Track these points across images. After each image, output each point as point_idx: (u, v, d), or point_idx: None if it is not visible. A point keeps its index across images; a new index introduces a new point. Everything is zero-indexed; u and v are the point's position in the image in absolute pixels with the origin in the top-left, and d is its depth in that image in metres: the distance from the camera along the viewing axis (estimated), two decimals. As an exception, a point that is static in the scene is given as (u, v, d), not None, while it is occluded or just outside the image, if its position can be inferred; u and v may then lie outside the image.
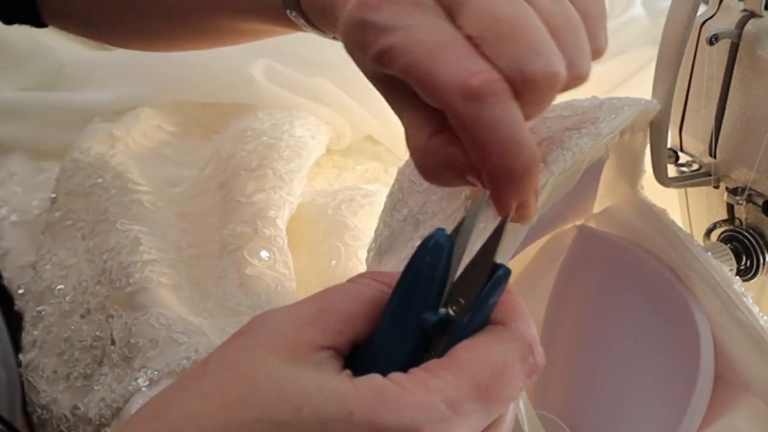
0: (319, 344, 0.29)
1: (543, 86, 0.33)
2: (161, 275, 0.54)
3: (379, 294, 0.31)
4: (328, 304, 0.30)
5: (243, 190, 0.61)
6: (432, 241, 0.31)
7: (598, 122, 0.39)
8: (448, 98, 0.32)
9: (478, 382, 0.29)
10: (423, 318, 0.30)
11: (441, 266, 0.30)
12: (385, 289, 0.31)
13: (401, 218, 0.43)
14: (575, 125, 0.40)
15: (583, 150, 0.38)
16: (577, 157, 0.38)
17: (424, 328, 0.30)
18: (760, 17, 0.45)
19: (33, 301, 0.59)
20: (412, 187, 0.44)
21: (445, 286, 0.31)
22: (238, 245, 0.57)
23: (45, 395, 0.54)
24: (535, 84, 0.32)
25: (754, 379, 0.43)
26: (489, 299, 0.31)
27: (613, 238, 0.47)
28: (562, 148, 0.38)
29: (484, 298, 0.30)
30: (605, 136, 0.39)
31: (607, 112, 0.40)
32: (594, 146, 0.38)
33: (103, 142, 0.67)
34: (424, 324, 0.30)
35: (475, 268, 0.31)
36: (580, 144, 0.38)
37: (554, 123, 0.40)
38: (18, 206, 0.68)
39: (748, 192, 0.47)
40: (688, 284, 0.44)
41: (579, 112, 0.41)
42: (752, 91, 0.45)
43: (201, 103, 0.75)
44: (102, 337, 0.54)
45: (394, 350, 0.30)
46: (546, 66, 0.32)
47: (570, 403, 0.48)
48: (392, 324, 0.30)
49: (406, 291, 0.30)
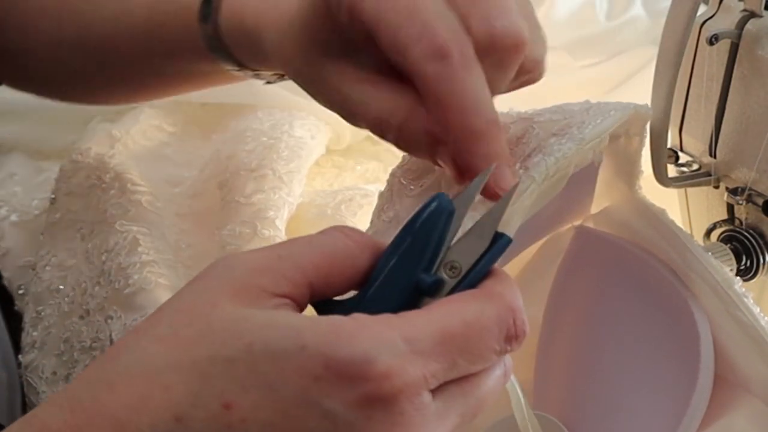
0: (272, 291, 0.29)
1: (508, 45, 0.35)
2: (160, 276, 0.54)
3: (343, 247, 0.31)
4: (286, 252, 0.30)
5: (242, 190, 0.61)
6: (434, 204, 0.31)
7: (583, 127, 0.39)
8: (414, 55, 0.34)
9: (443, 327, 0.29)
10: (420, 278, 0.30)
11: (440, 229, 0.31)
12: (350, 243, 0.31)
13: (387, 219, 0.43)
14: (560, 130, 0.39)
15: (566, 155, 0.38)
16: (561, 163, 0.38)
17: (420, 288, 0.30)
18: (760, 17, 0.45)
19: (32, 302, 0.59)
20: (402, 190, 0.44)
21: (441, 249, 0.31)
22: (238, 246, 0.57)
23: (45, 396, 0.54)
24: (501, 42, 0.34)
25: (754, 379, 0.43)
26: (488, 265, 0.31)
27: (611, 238, 0.47)
28: (544, 154, 0.38)
29: (484, 264, 0.31)
30: (589, 141, 0.39)
31: (593, 116, 0.40)
32: (578, 151, 0.38)
33: (102, 143, 0.67)
34: (420, 284, 0.30)
35: (475, 235, 0.31)
36: (563, 149, 0.38)
37: (543, 128, 0.40)
38: (18, 206, 0.68)
39: (748, 192, 0.47)
40: (688, 284, 0.44)
41: (568, 116, 0.41)
42: (752, 91, 0.45)
43: (201, 103, 0.75)
44: (101, 338, 0.54)
45: (378, 308, 0.30)
46: (512, 26, 0.34)
47: (569, 403, 0.48)
48: (384, 281, 0.30)
49: (403, 251, 0.30)
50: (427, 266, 0.31)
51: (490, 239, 0.31)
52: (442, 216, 0.31)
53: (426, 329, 0.28)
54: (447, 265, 0.31)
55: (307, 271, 0.30)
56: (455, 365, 0.29)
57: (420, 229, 0.30)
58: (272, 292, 0.29)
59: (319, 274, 0.30)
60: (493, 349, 0.30)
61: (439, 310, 0.29)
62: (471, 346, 0.29)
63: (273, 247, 0.31)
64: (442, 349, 0.28)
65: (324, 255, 0.30)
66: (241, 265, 0.30)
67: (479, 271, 0.31)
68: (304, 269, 0.30)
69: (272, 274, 0.29)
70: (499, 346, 0.30)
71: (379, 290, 0.31)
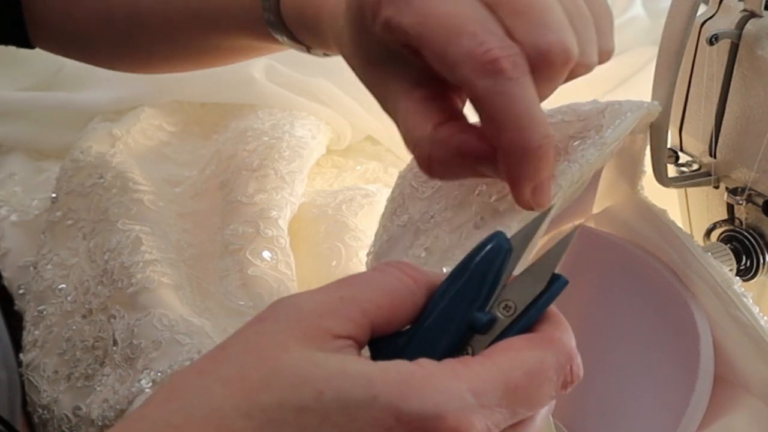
0: (338, 334, 0.29)
1: (556, 60, 0.33)
2: (163, 275, 0.54)
3: (402, 285, 0.31)
4: (349, 293, 0.30)
5: (244, 190, 0.61)
6: (492, 242, 0.31)
7: (602, 130, 0.39)
8: (466, 74, 0.33)
9: (507, 379, 0.29)
10: (474, 316, 0.30)
11: (497, 268, 0.30)
12: (408, 281, 0.31)
13: (401, 224, 0.43)
14: (578, 133, 0.39)
15: (590, 161, 0.38)
16: (584, 169, 0.38)
17: (474, 327, 0.30)
18: (760, 17, 0.45)
19: (34, 301, 0.59)
20: (414, 194, 0.44)
21: (497, 288, 0.31)
22: (240, 245, 0.57)
23: (46, 395, 0.54)
24: (549, 57, 0.33)
25: (753, 380, 0.43)
26: (544, 307, 0.31)
27: (613, 238, 0.47)
28: (569, 161, 0.38)
29: (541, 306, 0.31)
30: (610, 145, 0.39)
31: (610, 118, 0.39)
32: (600, 156, 0.38)
33: (103, 142, 0.67)
34: (475, 322, 0.30)
35: (531, 274, 0.31)
36: (587, 155, 0.38)
37: (557, 129, 0.40)
38: (18, 206, 0.68)
39: (748, 192, 0.47)
40: (688, 284, 0.44)
41: (581, 118, 0.40)
42: (752, 91, 0.45)
43: (201, 103, 0.75)
44: (104, 337, 0.54)
45: (431, 345, 0.30)
46: (560, 41, 0.33)
47: (568, 403, 0.48)
48: (438, 317, 0.30)
49: (458, 288, 0.30)
50: (482, 304, 0.30)
51: (546, 280, 0.31)
52: (500, 255, 0.31)
53: (492, 382, 0.28)
54: (501, 304, 0.31)
55: (369, 312, 0.30)
56: (516, 414, 0.29)
57: (476, 267, 0.30)
58: (337, 334, 0.29)
59: (380, 313, 0.30)
60: (550, 395, 0.30)
61: (502, 358, 0.29)
62: (532, 396, 0.29)
63: (333, 287, 0.30)
64: (507, 402, 0.29)
65: (385, 294, 0.30)
66: (306, 305, 0.29)
67: (535, 313, 0.31)
68: (366, 310, 0.30)
69: (338, 317, 0.29)
70: (555, 393, 0.30)
71: (432, 327, 0.30)
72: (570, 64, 0.34)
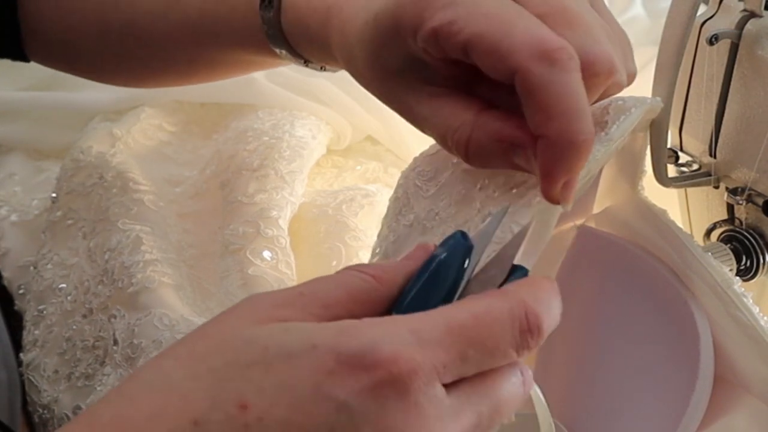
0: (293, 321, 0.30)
1: (601, 72, 0.35)
2: (163, 275, 0.54)
3: (364, 283, 0.31)
4: (308, 289, 0.31)
5: (245, 190, 0.61)
6: (451, 240, 0.32)
7: (607, 127, 0.39)
8: (522, 60, 0.33)
9: (450, 320, 0.29)
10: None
11: (457, 265, 0.32)
12: (368, 278, 0.32)
13: (407, 223, 0.43)
14: None
15: (597, 158, 0.38)
16: (591, 165, 0.38)
17: None
18: (760, 17, 0.45)
19: (34, 301, 0.59)
20: (418, 193, 0.44)
21: (460, 283, 0.32)
22: (241, 245, 0.58)
23: (46, 395, 0.54)
24: (595, 68, 0.35)
25: (753, 380, 0.43)
26: None
27: (613, 238, 0.47)
28: None
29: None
30: (616, 141, 0.39)
31: (614, 114, 0.40)
32: (606, 152, 0.38)
33: (103, 142, 0.67)
34: None
35: (494, 268, 0.33)
36: (594, 152, 0.38)
37: None
38: (18, 206, 0.68)
39: (748, 192, 0.47)
40: (688, 284, 0.44)
41: None
42: (752, 91, 0.45)
43: (201, 103, 0.75)
44: (104, 337, 0.54)
45: None
46: (607, 53, 0.35)
47: (569, 403, 0.48)
48: (405, 312, 0.31)
49: (422, 286, 0.32)
50: (446, 297, 0.32)
51: (507, 272, 0.32)
52: (460, 252, 0.32)
53: (432, 321, 0.29)
54: (467, 297, 0.32)
55: (331, 307, 0.31)
56: (466, 357, 0.29)
57: (439, 264, 0.32)
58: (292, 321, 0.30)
59: (343, 308, 0.31)
60: (507, 341, 0.30)
61: (447, 307, 0.30)
62: (481, 337, 0.29)
63: (294, 287, 0.32)
64: (450, 340, 0.29)
65: (346, 291, 0.31)
66: (263, 301, 0.31)
67: None
68: (328, 305, 0.31)
69: (294, 308, 0.30)
70: (512, 339, 0.30)
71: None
72: (612, 77, 0.36)
